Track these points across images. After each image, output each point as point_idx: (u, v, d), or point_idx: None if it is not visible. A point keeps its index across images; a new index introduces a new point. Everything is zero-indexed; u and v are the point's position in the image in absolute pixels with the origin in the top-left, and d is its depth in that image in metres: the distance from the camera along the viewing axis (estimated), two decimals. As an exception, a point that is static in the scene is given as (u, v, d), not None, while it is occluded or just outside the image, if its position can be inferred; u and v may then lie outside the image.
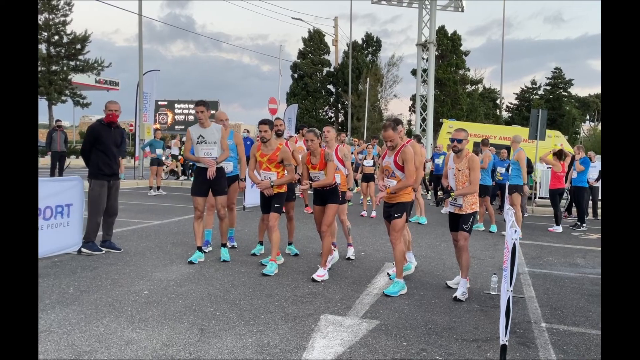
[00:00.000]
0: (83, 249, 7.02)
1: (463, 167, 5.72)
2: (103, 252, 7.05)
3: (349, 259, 7.22)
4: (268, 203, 6.66)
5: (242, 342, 4.12)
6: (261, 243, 7.36)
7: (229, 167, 7.35)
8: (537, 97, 55.46)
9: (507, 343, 3.81)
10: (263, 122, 6.54)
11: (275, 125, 7.17)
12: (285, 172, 6.66)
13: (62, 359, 3.72)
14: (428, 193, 17.74)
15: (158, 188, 15.67)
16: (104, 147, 7.08)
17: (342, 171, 7.03)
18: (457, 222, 5.86)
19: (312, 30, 46.12)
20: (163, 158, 16.60)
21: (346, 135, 37.72)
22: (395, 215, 5.83)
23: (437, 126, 30.47)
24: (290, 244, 7.60)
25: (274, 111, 25.09)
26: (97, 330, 4.25)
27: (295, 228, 7.79)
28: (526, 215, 13.46)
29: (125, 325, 4.40)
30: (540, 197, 16.47)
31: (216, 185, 6.86)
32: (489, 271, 6.83)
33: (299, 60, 46.11)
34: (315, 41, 46.53)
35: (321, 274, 6.16)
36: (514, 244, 3.82)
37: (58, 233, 6.82)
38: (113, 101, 7.36)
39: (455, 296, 5.55)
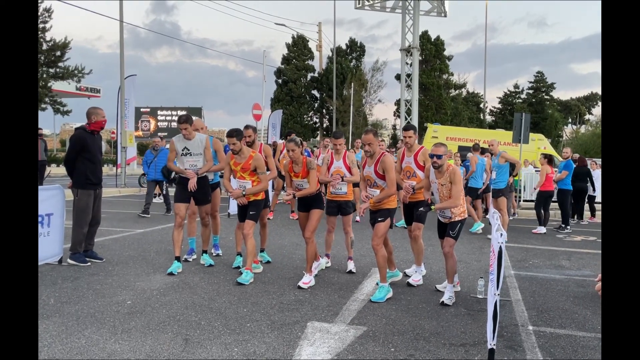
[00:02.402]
0: (70, 260, 6.88)
1: (446, 182, 5.70)
2: (89, 264, 6.92)
3: (350, 272, 6.91)
4: (244, 211, 6.56)
5: (227, 352, 4.07)
6: (240, 254, 7.11)
7: (209, 174, 7.29)
8: (520, 101, 56.17)
9: (494, 347, 3.82)
10: (230, 134, 6.36)
11: (245, 135, 7.03)
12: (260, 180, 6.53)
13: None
14: None
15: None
16: (90, 155, 6.95)
17: (350, 179, 6.85)
18: (445, 228, 5.87)
19: (295, 36, 46.23)
20: None
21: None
22: (379, 219, 5.83)
23: (422, 130, 30.67)
24: (262, 250, 7.46)
25: (258, 117, 25.05)
26: (79, 343, 4.16)
27: (282, 234, 7.74)
28: (513, 217, 13.57)
29: (107, 336, 4.32)
30: (524, 200, 16.64)
31: (199, 195, 6.85)
32: (475, 275, 6.85)
33: (283, 66, 46.15)
34: (299, 47, 46.62)
35: (307, 280, 6.11)
36: (500, 248, 3.83)
37: (38, 243, 6.69)
38: (99, 108, 7.21)
39: (442, 301, 5.55)
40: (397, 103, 39.77)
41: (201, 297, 5.51)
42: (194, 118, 7.53)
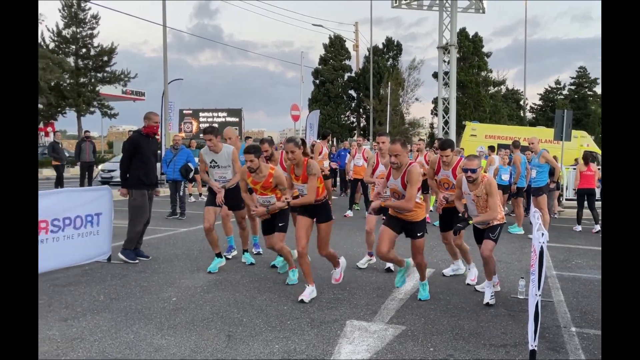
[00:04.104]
0: (120, 255, 7.11)
1: (481, 193, 5.52)
2: (137, 261, 7.14)
3: (388, 269, 6.78)
4: (270, 223, 6.11)
5: (269, 348, 4.13)
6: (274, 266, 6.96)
7: None
8: (562, 97, 54.49)
9: (536, 348, 3.74)
10: (248, 151, 5.87)
11: (263, 150, 6.45)
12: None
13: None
14: None
15: (200, 195, 15.99)
16: (143, 157, 7.15)
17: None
18: (483, 232, 5.72)
19: (332, 36, 46.24)
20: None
21: (368, 140, 37.55)
22: (418, 235, 5.51)
23: (460, 129, 30.19)
24: (245, 251, 7.28)
25: (297, 117, 25.22)
26: (128, 338, 4.31)
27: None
28: (555, 216, 13.23)
29: (154, 332, 4.45)
30: (567, 199, 16.16)
31: (231, 203, 6.93)
32: (516, 275, 6.71)
33: (320, 67, 46.24)
34: (336, 47, 46.60)
35: (308, 293, 5.52)
36: (542, 247, 3.75)
37: (88, 242, 6.95)
38: (154, 112, 7.51)
39: (487, 302, 5.44)
40: (435, 101, 39.26)
41: (243, 295, 5.61)
42: (226, 127, 7.56)
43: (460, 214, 5.87)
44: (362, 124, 47.38)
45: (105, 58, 32.87)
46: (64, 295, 5.49)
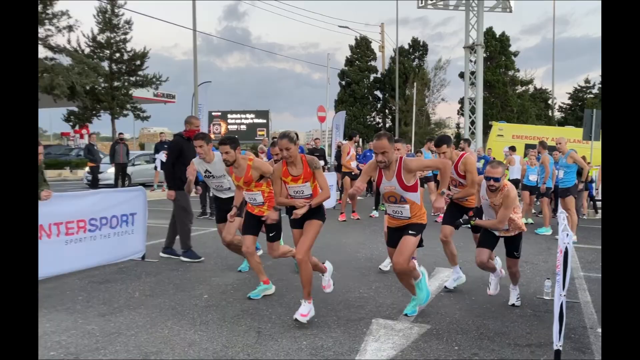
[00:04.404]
0: (183, 258, 7.34)
1: (499, 202, 5.19)
2: (202, 259, 7.35)
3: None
4: (254, 226, 5.63)
5: (297, 345, 4.23)
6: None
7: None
8: (592, 96, 53.22)
9: (561, 348, 3.74)
10: (222, 142, 5.49)
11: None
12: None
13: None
14: None
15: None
16: (185, 160, 7.29)
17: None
18: (493, 237, 5.39)
19: (359, 38, 46.22)
20: None
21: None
22: (410, 232, 4.83)
23: (487, 129, 29.81)
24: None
25: (323, 119, 25.32)
26: (162, 333, 4.47)
27: (347, 233, 7.83)
28: (584, 217, 13.00)
29: (187, 327, 4.60)
30: (598, 200, 15.84)
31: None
32: (542, 276, 6.66)
33: (346, 68, 46.27)
34: (362, 48, 46.56)
35: (305, 312, 4.67)
36: (567, 248, 3.75)
37: (123, 240, 7.19)
38: (195, 117, 7.76)
39: (512, 303, 5.42)
40: (461, 101, 38.87)
41: (272, 293, 5.72)
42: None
43: (467, 215, 5.59)
44: (387, 125, 47.21)
45: (138, 62, 33.57)
46: (102, 292, 5.70)
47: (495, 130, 21.87)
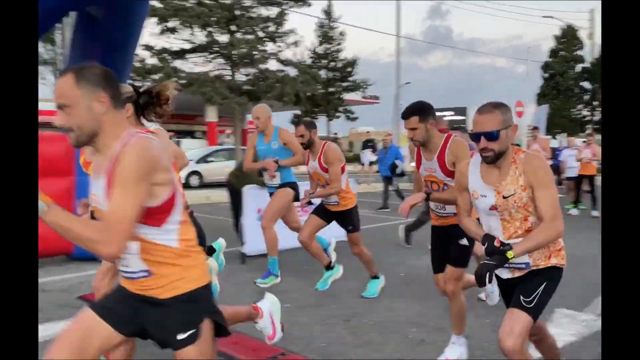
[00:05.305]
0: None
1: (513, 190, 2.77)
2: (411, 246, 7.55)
3: None
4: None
5: (480, 321, 4.55)
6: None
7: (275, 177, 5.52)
8: None
9: None
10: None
11: (298, 134, 5.01)
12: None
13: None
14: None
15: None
16: None
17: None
18: (511, 288, 2.73)
19: (565, 27, 41.75)
20: None
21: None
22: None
23: None
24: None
25: (520, 114, 23.93)
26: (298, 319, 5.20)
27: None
28: None
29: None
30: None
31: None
32: None
33: (550, 59, 42.27)
34: (567, 37, 41.98)
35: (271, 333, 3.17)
36: None
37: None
38: None
39: None
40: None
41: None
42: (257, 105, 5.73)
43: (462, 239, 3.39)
44: (595, 118, 41.80)
45: (349, 69, 35.95)
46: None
47: None
